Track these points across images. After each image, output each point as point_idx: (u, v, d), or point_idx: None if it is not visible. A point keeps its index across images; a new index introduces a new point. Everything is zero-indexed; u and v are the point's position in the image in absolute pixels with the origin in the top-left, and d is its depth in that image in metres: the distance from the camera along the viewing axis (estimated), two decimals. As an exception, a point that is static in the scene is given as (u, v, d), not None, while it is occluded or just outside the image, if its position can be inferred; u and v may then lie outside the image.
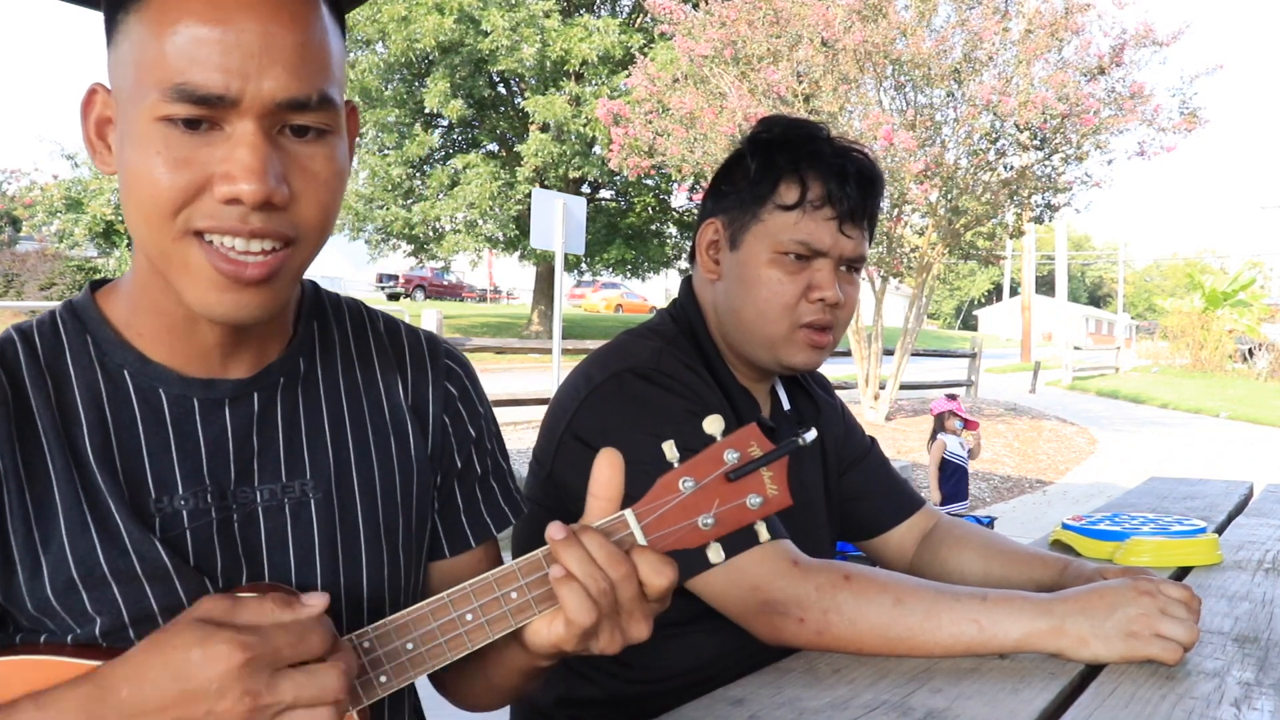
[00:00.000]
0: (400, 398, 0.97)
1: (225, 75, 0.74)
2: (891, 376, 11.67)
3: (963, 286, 72.57)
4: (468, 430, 1.01)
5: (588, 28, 18.05)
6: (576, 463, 1.27)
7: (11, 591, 0.80)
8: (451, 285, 40.29)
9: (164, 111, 0.75)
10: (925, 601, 1.12)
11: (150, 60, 0.75)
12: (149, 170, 0.76)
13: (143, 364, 0.86)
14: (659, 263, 23.04)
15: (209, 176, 0.76)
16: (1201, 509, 2.17)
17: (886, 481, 1.60)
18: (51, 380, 0.83)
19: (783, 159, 1.35)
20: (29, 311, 18.60)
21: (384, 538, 0.94)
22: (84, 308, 0.88)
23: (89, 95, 0.82)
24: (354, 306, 1.01)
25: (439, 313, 8.31)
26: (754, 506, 0.85)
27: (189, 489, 0.85)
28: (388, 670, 0.80)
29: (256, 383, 0.89)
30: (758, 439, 0.85)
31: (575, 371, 1.38)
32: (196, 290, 0.79)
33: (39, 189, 20.43)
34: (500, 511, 1.04)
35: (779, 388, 1.51)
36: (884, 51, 9.61)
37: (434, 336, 1.03)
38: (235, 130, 0.76)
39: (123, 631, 0.81)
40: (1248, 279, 29.86)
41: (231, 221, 0.76)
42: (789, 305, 1.34)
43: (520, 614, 0.82)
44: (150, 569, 0.81)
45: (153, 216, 0.77)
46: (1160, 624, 1.08)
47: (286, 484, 0.89)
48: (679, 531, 0.84)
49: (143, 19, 0.76)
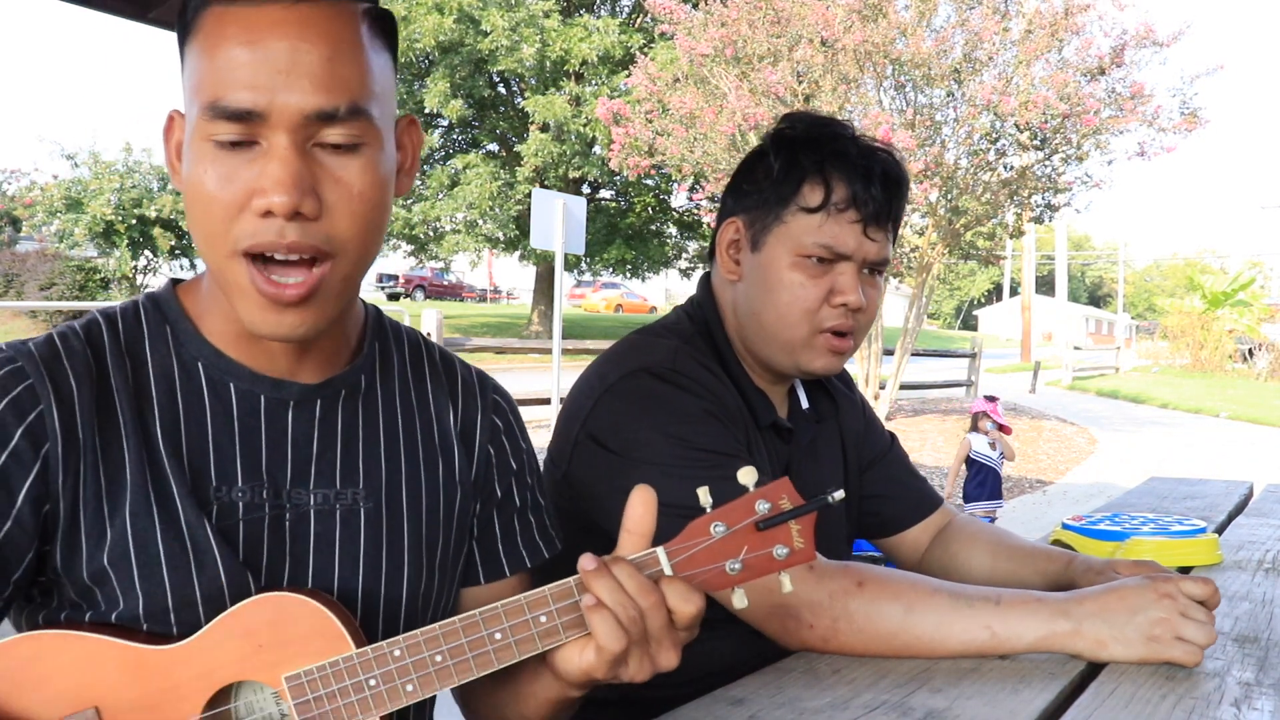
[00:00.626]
0: (450, 423, 1.02)
1: (254, 92, 0.78)
2: (891, 376, 11.67)
3: (963, 286, 72.55)
4: (510, 463, 1.05)
5: (588, 28, 18.06)
6: (591, 462, 1.26)
7: (73, 560, 0.83)
8: (451, 285, 40.29)
9: (208, 131, 0.80)
10: (937, 610, 1.12)
11: (197, 83, 0.81)
12: (202, 187, 0.81)
13: (217, 358, 0.90)
14: (659, 263, 23.06)
15: (250, 193, 0.80)
16: (1201, 509, 2.17)
17: (907, 481, 1.59)
18: (130, 363, 0.88)
19: (807, 159, 1.32)
20: (29, 312, 18.61)
21: (425, 553, 0.97)
22: (165, 300, 0.93)
23: (168, 121, 0.88)
24: (413, 335, 1.06)
25: (439, 313, 8.29)
26: (780, 557, 0.87)
27: (248, 482, 0.88)
28: (415, 680, 0.83)
29: (321, 390, 0.93)
30: (789, 493, 0.87)
31: (589, 370, 1.36)
32: (247, 310, 0.84)
33: (39, 189, 20.43)
34: (535, 545, 1.07)
35: (798, 386, 1.49)
36: (884, 51, 9.61)
37: (484, 373, 1.08)
38: (269, 145, 0.80)
39: (164, 614, 0.84)
40: (1248, 279, 29.86)
41: (270, 235, 0.80)
42: (811, 310, 1.31)
43: (547, 638, 0.84)
44: (200, 555, 0.85)
45: (209, 233, 0.82)
46: (1181, 627, 1.08)
47: (340, 491, 0.92)
48: (707, 574, 0.86)
49: (195, 46, 0.82)
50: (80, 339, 0.87)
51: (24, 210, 20.84)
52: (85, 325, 0.89)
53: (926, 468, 8.92)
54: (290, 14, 0.80)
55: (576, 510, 1.30)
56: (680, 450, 1.22)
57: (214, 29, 0.80)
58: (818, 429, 1.49)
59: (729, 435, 1.27)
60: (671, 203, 21.50)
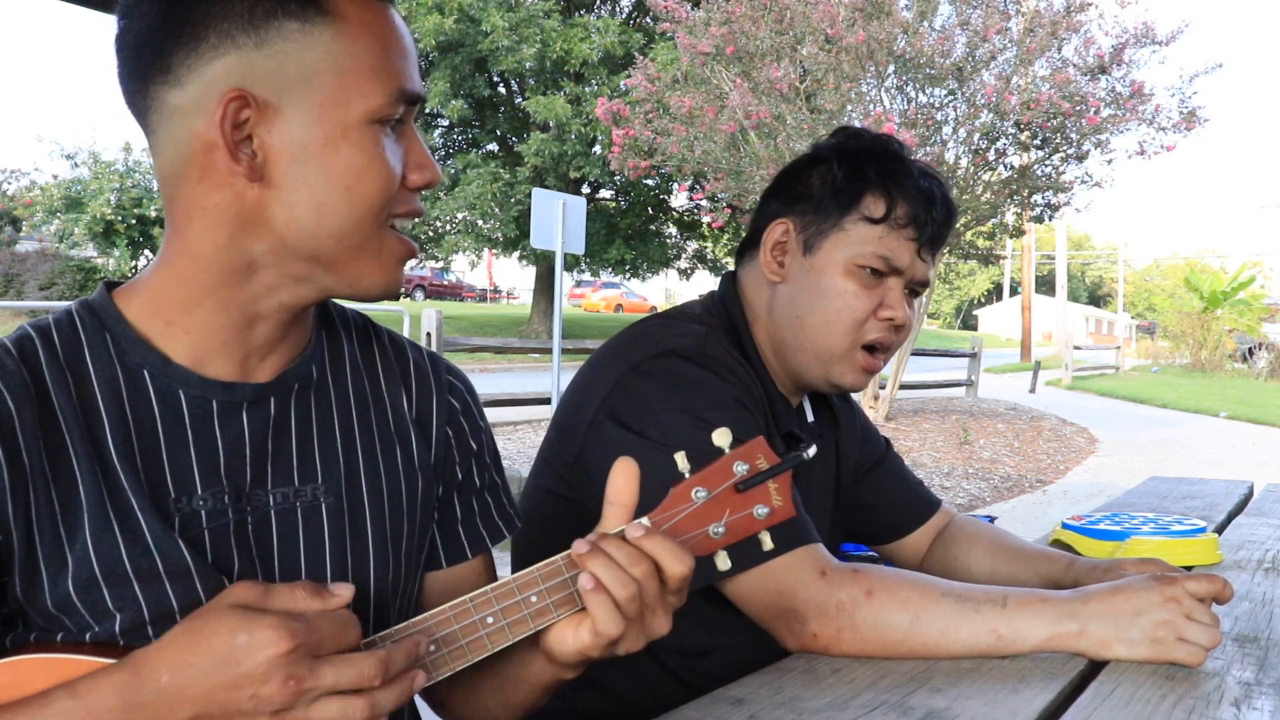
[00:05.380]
0: (405, 409, 1.00)
1: (417, 81, 0.88)
2: (891, 376, 11.67)
3: (963, 286, 72.58)
4: (469, 443, 1.04)
5: (588, 28, 18.05)
6: (608, 444, 1.22)
7: (34, 589, 0.80)
8: (451, 285, 40.27)
9: (386, 112, 0.84)
10: (943, 616, 1.12)
11: (365, 67, 0.83)
12: (373, 166, 0.84)
13: (164, 364, 0.86)
14: (659, 263, 23.05)
15: (400, 169, 0.87)
16: (1201, 509, 2.17)
17: (903, 488, 1.59)
18: (72, 377, 0.83)
19: (874, 171, 1.32)
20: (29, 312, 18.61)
21: (390, 544, 0.95)
22: (101, 306, 0.87)
23: (227, 102, 0.80)
24: (359, 319, 1.03)
25: (439, 313, 8.25)
26: (760, 517, 0.88)
27: (207, 490, 0.86)
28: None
29: (273, 388, 0.90)
30: (765, 452, 0.89)
31: (602, 353, 1.33)
32: (383, 272, 0.88)
33: (39, 189, 20.44)
34: (495, 525, 1.06)
35: (805, 400, 1.49)
36: (887, 49, 9.61)
37: (435, 354, 1.07)
38: (408, 126, 0.88)
39: (142, 629, 0.81)
40: (1247, 279, 29.86)
41: (418, 205, 0.90)
42: (858, 320, 1.31)
43: (540, 617, 0.84)
44: (172, 567, 0.82)
45: (372, 209, 0.85)
46: (1185, 629, 1.08)
47: (299, 488, 0.90)
48: (692, 539, 0.87)
49: (344, 31, 0.83)
50: (13, 357, 0.81)
51: (24, 210, 20.86)
52: (16, 341, 0.83)
53: (926, 468, 8.93)
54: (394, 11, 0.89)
55: (582, 498, 1.28)
56: (706, 436, 1.20)
57: (367, 17, 0.84)
58: (818, 445, 1.48)
59: (757, 426, 1.26)
60: (671, 203, 21.50)
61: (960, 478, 8.64)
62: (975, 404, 14.15)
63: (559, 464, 1.32)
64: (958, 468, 9.06)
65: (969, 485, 8.37)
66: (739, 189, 10.57)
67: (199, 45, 0.80)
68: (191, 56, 0.81)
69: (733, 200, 11.27)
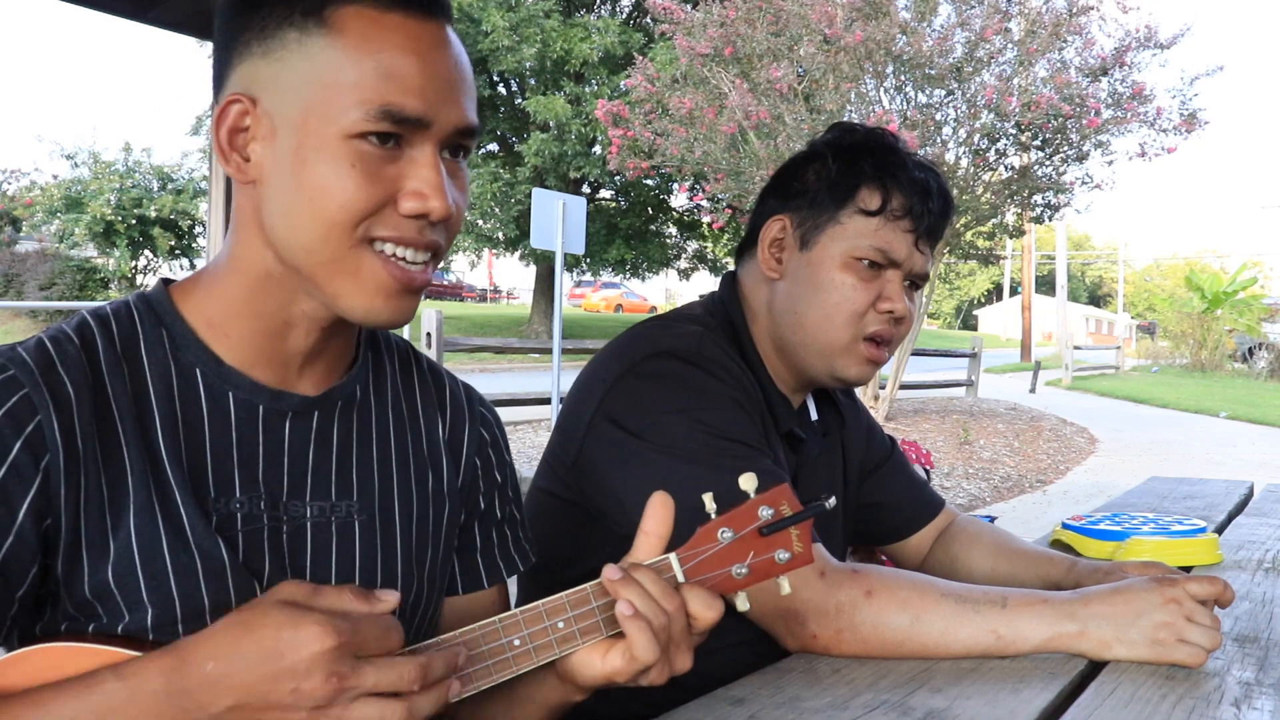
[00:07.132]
0: (439, 435, 1.02)
1: (424, 102, 0.82)
2: (891, 376, 11.67)
3: (963, 286, 72.54)
4: (495, 476, 1.06)
5: (588, 27, 18.05)
6: (605, 444, 1.23)
7: (74, 574, 0.81)
8: (451, 285, 40.30)
9: (364, 128, 0.81)
10: (943, 617, 1.12)
11: (349, 82, 0.81)
12: (339, 181, 0.81)
13: (217, 365, 0.88)
14: (659, 263, 23.05)
15: (395, 191, 0.83)
16: (1201, 509, 2.17)
17: (908, 488, 1.59)
18: (128, 368, 0.85)
19: (868, 164, 1.32)
20: (29, 312, 18.62)
21: (415, 564, 0.97)
22: (159, 301, 0.89)
23: (225, 105, 0.85)
24: (401, 344, 1.05)
25: (439, 313, 8.24)
26: (782, 561, 0.90)
27: (245, 493, 0.87)
28: None
29: (319, 402, 0.92)
30: (789, 499, 0.91)
31: (600, 356, 1.34)
32: (362, 296, 0.85)
33: (39, 189, 20.44)
34: (511, 558, 1.08)
35: (808, 398, 1.48)
36: (885, 49, 9.60)
37: (469, 385, 1.10)
38: (419, 151, 0.83)
39: (172, 625, 0.82)
40: (1248, 279, 29.85)
41: (411, 233, 0.84)
42: (857, 313, 1.31)
43: (565, 643, 0.86)
44: (209, 565, 0.83)
45: (336, 226, 0.82)
46: (1186, 631, 1.09)
47: (335, 503, 0.92)
48: (715, 578, 0.89)
49: (336, 43, 0.82)
50: (74, 343, 0.84)
51: (24, 210, 20.86)
52: (77, 328, 0.86)
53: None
54: (443, 33, 0.86)
55: (583, 498, 1.28)
56: (703, 437, 1.20)
57: (370, 31, 0.82)
58: (823, 443, 1.48)
59: (754, 426, 1.26)
60: (671, 203, 21.49)
61: (960, 478, 8.64)
62: (975, 404, 14.15)
63: (559, 466, 1.33)
64: (958, 468, 9.06)
65: (969, 485, 8.37)
66: (739, 189, 10.57)
67: (228, 55, 0.86)
68: (223, 66, 0.87)
69: (733, 201, 11.27)
